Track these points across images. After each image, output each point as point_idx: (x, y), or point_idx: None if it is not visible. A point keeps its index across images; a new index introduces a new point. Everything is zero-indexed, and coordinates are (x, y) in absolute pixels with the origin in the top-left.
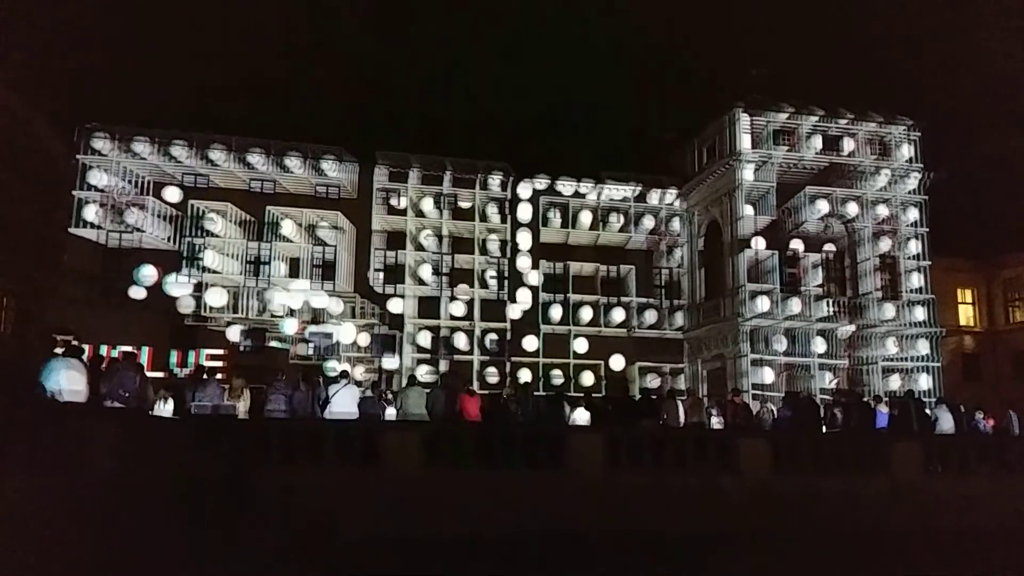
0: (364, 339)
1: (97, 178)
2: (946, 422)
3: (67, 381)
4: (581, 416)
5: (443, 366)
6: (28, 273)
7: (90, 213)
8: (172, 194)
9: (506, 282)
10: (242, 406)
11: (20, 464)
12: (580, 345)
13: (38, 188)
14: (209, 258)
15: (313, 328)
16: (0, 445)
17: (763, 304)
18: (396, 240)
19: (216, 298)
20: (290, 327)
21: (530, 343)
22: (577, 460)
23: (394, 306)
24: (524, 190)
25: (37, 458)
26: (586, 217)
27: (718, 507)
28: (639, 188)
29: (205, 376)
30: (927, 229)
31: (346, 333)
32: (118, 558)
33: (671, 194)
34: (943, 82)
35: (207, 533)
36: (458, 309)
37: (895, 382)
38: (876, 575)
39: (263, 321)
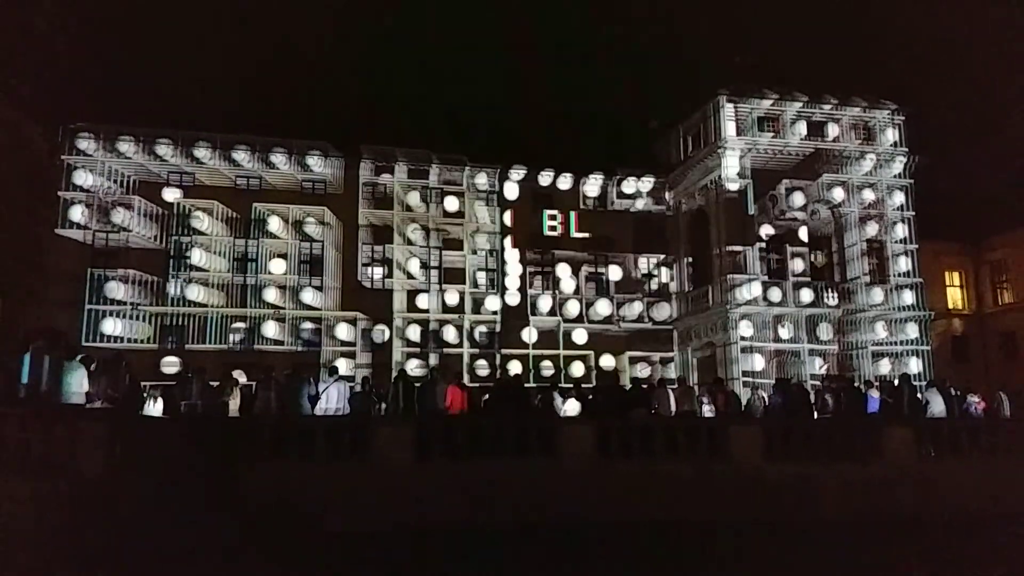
0: (352, 334)
1: (83, 178)
2: (937, 405)
3: (79, 384)
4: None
5: (433, 360)
6: (14, 274)
7: (76, 213)
8: (169, 194)
9: (495, 274)
10: (233, 404)
11: (9, 465)
12: (572, 336)
13: (23, 188)
14: (196, 256)
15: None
16: None
17: (751, 291)
18: (383, 234)
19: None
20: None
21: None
22: (569, 450)
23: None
24: (510, 182)
25: (26, 459)
26: (572, 207)
27: (710, 495)
28: (624, 177)
29: (190, 375)
30: (913, 213)
31: (337, 329)
32: (109, 557)
33: (657, 182)
34: (926, 66)
35: (198, 531)
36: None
37: (885, 366)
38: (869, 560)
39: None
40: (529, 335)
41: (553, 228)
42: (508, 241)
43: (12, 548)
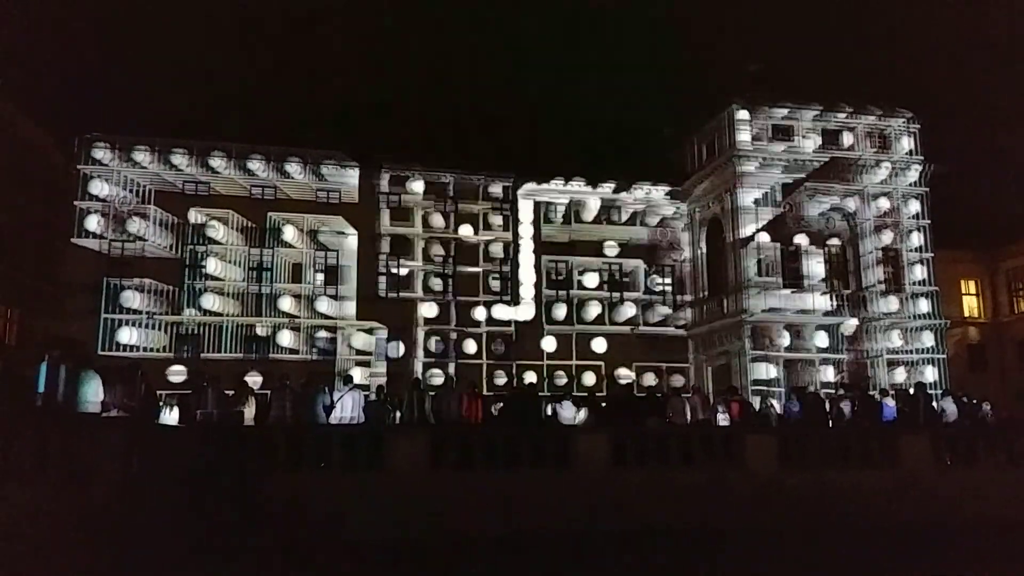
0: (369, 343)
1: (98, 188)
2: (952, 414)
3: (95, 393)
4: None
5: (451, 369)
6: (32, 284)
7: (92, 223)
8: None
9: (510, 284)
10: (248, 412)
11: (27, 474)
12: (585, 345)
13: (40, 199)
14: (212, 265)
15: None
16: (6, 456)
17: (766, 300)
18: (398, 242)
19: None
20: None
21: (538, 344)
22: (583, 459)
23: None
24: (526, 191)
25: (44, 468)
26: (588, 217)
27: (726, 503)
28: (640, 187)
29: (205, 383)
30: (929, 221)
31: (354, 338)
32: (126, 566)
33: (672, 192)
34: (942, 73)
35: (214, 539)
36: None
37: (900, 375)
38: (885, 569)
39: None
40: (544, 344)
41: (568, 237)
42: (523, 250)
43: (29, 557)
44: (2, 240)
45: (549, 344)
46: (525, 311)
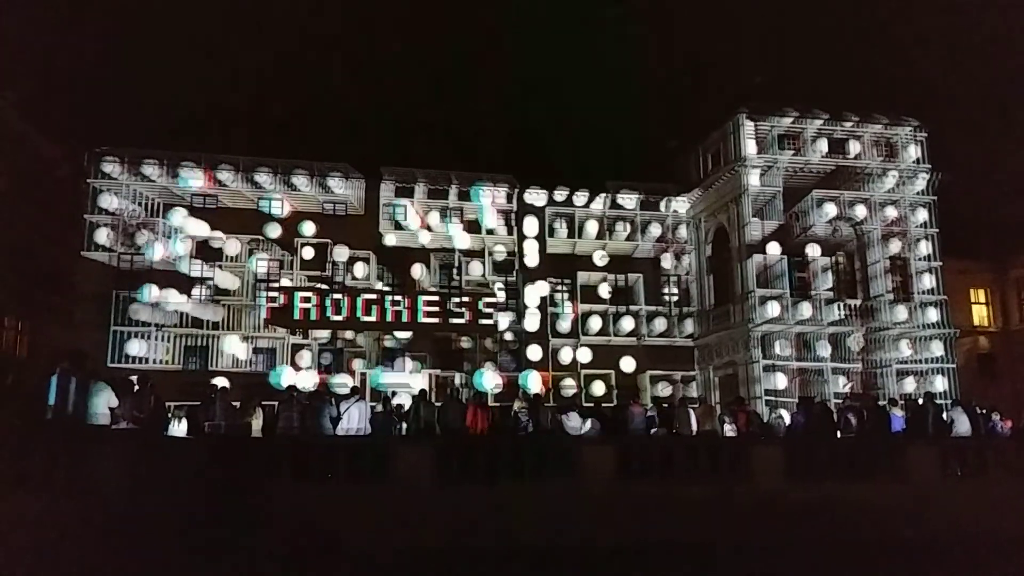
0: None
1: (107, 201)
2: (962, 425)
3: (104, 405)
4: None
5: (457, 380)
6: (42, 297)
7: (101, 236)
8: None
9: (515, 293)
10: (256, 424)
11: (36, 485)
12: (588, 355)
13: (50, 212)
14: (219, 277)
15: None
16: (16, 466)
17: (773, 309)
18: (403, 254)
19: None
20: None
21: (537, 353)
22: (588, 470)
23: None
24: (530, 201)
25: (53, 480)
26: (592, 227)
27: (732, 516)
28: (645, 196)
29: (213, 395)
30: (937, 230)
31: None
32: None
33: (677, 201)
34: (949, 81)
35: (221, 550)
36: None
37: (910, 385)
38: None
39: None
40: (548, 354)
41: (572, 248)
42: (527, 261)
43: (38, 568)
44: (13, 253)
45: (565, 355)
46: (530, 322)
